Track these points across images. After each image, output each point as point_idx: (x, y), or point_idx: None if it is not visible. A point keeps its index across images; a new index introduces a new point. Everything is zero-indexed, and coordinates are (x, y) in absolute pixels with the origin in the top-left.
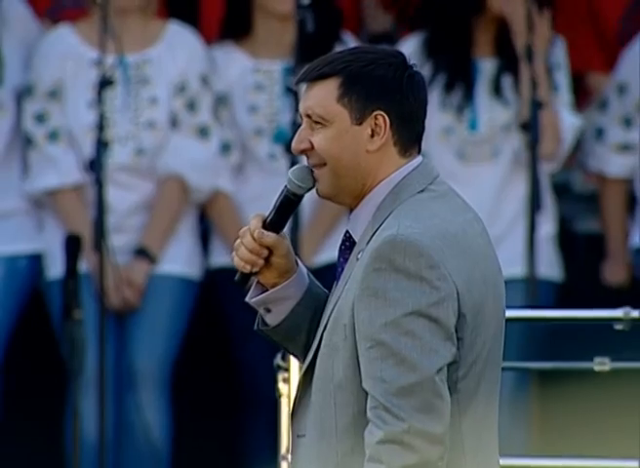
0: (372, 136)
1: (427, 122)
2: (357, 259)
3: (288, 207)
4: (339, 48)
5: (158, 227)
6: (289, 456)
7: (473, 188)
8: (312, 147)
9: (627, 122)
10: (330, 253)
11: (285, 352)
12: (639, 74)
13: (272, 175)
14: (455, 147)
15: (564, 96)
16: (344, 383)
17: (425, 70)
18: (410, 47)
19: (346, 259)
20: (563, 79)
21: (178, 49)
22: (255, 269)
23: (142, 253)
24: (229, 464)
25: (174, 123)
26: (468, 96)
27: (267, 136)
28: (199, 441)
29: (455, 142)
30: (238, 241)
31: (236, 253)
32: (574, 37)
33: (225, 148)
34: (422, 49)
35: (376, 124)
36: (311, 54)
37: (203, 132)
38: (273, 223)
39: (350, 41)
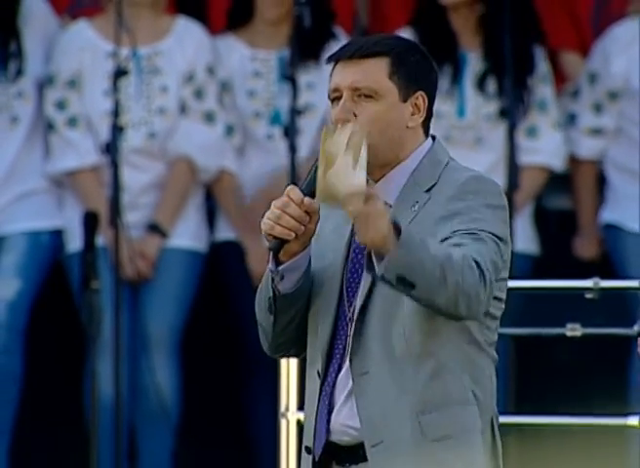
0: (412, 114)
1: None
2: (412, 208)
3: None
4: (332, 42)
5: (169, 205)
6: (288, 414)
7: None
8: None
9: (598, 108)
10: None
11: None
12: (609, 64)
13: (270, 154)
14: (442, 131)
15: (552, 113)
16: (417, 308)
17: None
18: None
19: None
20: (549, 94)
21: (186, 42)
22: (292, 236)
23: (154, 228)
24: (235, 422)
25: (182, 109)
26: (455, 82)
27: (265, 119)
28: (206, 400)
29: (443, 126)
30: (278, 212)
31: (278, 223)
32: (549, 15)
33: (229, 131)
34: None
35: (416, 103)
36: (306, 46)
37: (209, 117)
38: (311, 193)
39: (342, 36)
